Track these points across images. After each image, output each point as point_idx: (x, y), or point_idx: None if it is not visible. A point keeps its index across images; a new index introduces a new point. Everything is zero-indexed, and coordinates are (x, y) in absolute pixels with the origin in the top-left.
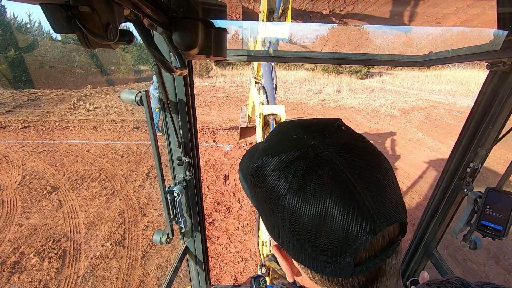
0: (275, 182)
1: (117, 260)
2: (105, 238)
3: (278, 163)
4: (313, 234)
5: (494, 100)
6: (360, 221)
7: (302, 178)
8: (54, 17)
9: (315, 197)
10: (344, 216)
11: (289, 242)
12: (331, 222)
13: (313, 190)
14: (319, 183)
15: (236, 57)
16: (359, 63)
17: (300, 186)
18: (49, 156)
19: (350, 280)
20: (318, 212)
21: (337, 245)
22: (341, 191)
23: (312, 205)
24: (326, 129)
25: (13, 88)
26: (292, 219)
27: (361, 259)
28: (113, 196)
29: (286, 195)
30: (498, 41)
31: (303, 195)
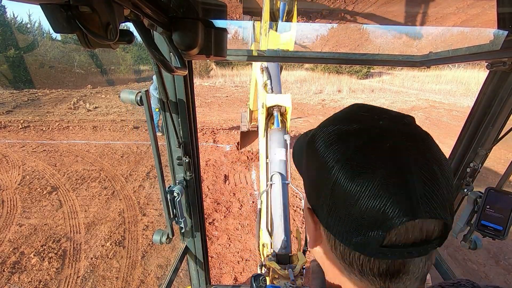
0: (328, 148)
1: (117, 260)
2: (105, 238)
3: (337, 131)
4: (350, 204)
5: (494, 100)
6: (403, 201)
7: (356, 151)
8: (54, 17)
9: (365, 170)
10: (389, 191)
11: (324, 206)
12: (372, 197)
13: (363, 164)
14: (373, 159)
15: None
16: (359, 63)
17: (352, 157)
18: (49, 156)
19: (371, 261)
20: (363, 185)
21: (372, 218)
22: (394, 169)
23: (358, 177)
24: (398, 117)
25: (13, 88)
26: (335, 187)
27: (390, 242)
28: (113, 196)
29: (335, 162)
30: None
31: (353, 167)
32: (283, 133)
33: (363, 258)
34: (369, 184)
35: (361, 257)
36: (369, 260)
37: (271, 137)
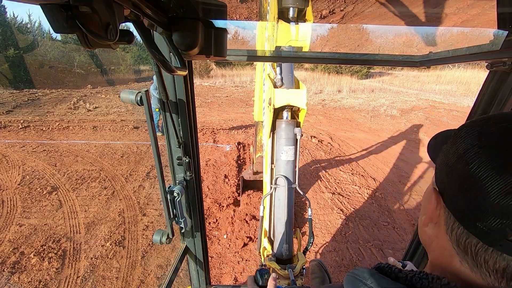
0: (477, 139)
1: (117, 260)
2: (105, 238)
3: (488, 128)
4: (489, 194)
5: (494, 100)
6: None
7: (507, 147)
8: (54, 17)
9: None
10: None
11: (454, 185)
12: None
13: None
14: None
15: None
16: (359, 63)
17: (502, 153)
18: (49, 156)
19: (488, 253)
20: (510, 181)
21: (506, 211)
22: None
23: (506, 173)
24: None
25: (13, 88)
26: (476, 174)
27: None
28: (113, 196)
29: (481, 152)
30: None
31: (501, 161)
32: (293, 127)
33: (480, 247)
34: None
35: (478, 245)
36: (486, 251)
37: (278, 130)
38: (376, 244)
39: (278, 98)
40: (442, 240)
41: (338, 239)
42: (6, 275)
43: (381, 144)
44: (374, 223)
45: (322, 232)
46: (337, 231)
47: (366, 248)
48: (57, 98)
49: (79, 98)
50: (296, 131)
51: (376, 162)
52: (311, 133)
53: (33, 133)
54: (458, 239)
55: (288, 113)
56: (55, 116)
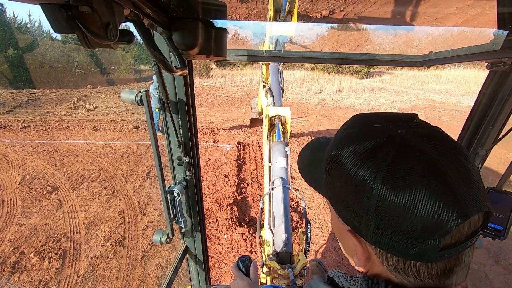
0: (359, 169)
1: (117, 260)
2: (105, 238)
3: (363, 150)
4: (400, 218)
5: (494, 100)
6: (453, 206)
7: (391, 165)
8: (54, 17)
9: (406, 183)
10: (436, 200)
11: (370, 225)
12: (422, 207)
13: (403, 176)
14: (409, 169)
15: (236, 57)
16: (359, 63)
17: (388, 172)
18: (49, 156)
19: (429, 266)
20: (409, 198)
21: (426, 228)
22: (434, 177)
23: (402, 191)
24: (409, 120)
25: (13, 88)
26: (379, 205)
27: (447, 244)
28: (113, 196)
29: (373, 181)
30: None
31: (392, 182)
32: (284, 145)
33: (419, 265)
34: (415, 195)
35: (417, 265)
36: (426, 266)
37: (273, 148)
38: None
39: (271, 111)
40: (378, 269)
41: None
42: (6, 275)
43: None
44: None
45: (322, 232)
46: None
47: None
48: (57, 98)
49: (79, 98)
50: (286, 149)
51: None
52: (311, 133)
53: (33, 133)
54: (396, 267)
55: (278, 123)
56: (55, 116)
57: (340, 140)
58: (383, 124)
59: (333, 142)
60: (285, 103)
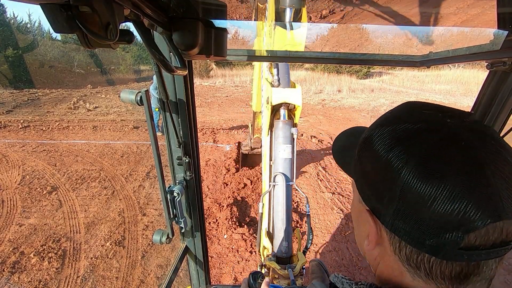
0: (393, 149)
1: (117, 260)
2: (105, 238)
3: (402, 131)
4: (424, 206)
5: (494, 100)
6: (486, 203)
7: (429, 152)
8: (54, 17)
9: (440, 174)
10: (470, 192)
11: (390, 208)
12: (450, 201)
13: (439, 165)
14: (448, 161)
15: (236, 57)
16: (359, 63)
17: (424, 158)
18: (49, 156)
19: (444, 265)
20: (440, 188)
21: (450, 221)
22: (473, 171)
23: (433, 181)
24: (464, 114)
25: (13, 88)
26: (405, 188)
27: (470, 244)
28: (113, 196)
29: (404, 164)
30: (498, 41)
31: (426, 168)
32: (289, 126)
33: (433, 261)
34: (447, 186)
35: (431, 260)
36: (440, 263)
37: (276, 130)
38: None
39: (276, 96)
40: (390, 260)
41: (338, 239)
42: (6, 275)
43: None
44: None
45: (322, 232)
46: (337, 231)
47: None
48: (57, 98)
49: (79, 98)
50: (293, 130)
51: None
52: (311, 133)
53: (33, 133)
54: (409, 258)
55: (285, 111)
56: (55, 116)
57: (381, 120)
58: (434, 112)
59: (373, 123)
60: None
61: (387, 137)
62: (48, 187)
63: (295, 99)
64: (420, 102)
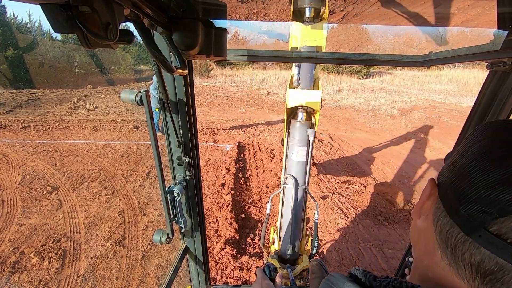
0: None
1: (117, 260)
2: (105, 237)
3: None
4: (485, 176)
5: (494, 100)
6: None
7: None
8: (54, 17)
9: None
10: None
11: (453, 174)
12: (506, 179)
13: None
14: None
15: (236, 57)
16: (359, 63)
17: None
18: (49, 156)
19: (466, 245)
20: (507, 169)
21: (494, 196)
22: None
23: (504, 162)
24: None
25: (13, 88)
26: (476, 158)
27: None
28: (113, 196)
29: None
30: (498, 41)
31: (500, 153)
32: (306, 127)
33: (459, 238)
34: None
35: (458, 235)
36: (464, 242)
37: (292, 130)
38: (376, 244)
39: (291, 98)
40: (428, 232)
41: (338, 239)
42: (6, 275)
43: (381, 144)
44: (374, 223)
45: (322, 232)
46: (337, 231)
47: (366, 248)
48: (57, 98)
49: (79, 98)
50: (309, 132)
51: (376, 162)
52: None
53: (33, 133)
54: (441, 229)
55: (303, 113)
56: (55, 116)
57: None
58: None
59: None
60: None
61: (486, 131)
62: (48, 187)
63: (313, 102)
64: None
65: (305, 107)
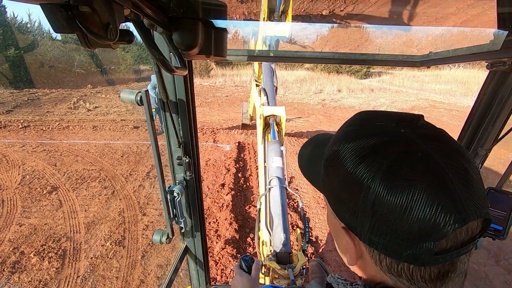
0: (358, 166)
1: (117, 260)
2: (105, 237)
3: (364, 147)
4: (396, 219)
5: (494, 100)
6: (451, 209)
7: (392, 164)
8: (54, 17)
9: (406, 183)
10: (434, 203)
11: (365, 224)
12: (419, 209)
13: (403, 176)
14: (410, 170)
15: (236, 57)
16: (359, 63)
17: (388, 171)
18: (49, 156)
19: (422, 270)
20: (407, 199)
21: (421, 231)
22: (434, 179)
23: (400, 191)
24: (414, 121)
25: (13, 88)
26: (376, 204)
27: (442, 249)
28: (113, 196)
29: (371, 179)
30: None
31: (392, 181)
32: (279, 145)
33: (413, 268)
34: (414, 196)
35: (410, 267)
36: (419, 269)
37: (268, 148)
38: None
39: (266, 110)
40: (372, 270)
41: None
42: (6, 275)
43: None
44: None
45: (322, 232)
46: None
47: None
48: (57, 98)
49: (79, 97)
50: (282, 148)
51: None
52: (311, 133)
53: (33, 133)
54: (390, 268)
55: (273, 122)
56: (55, 115)
57: (342, 136)
58: (387, 123)
59: (335, 138)
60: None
61: (352, 154)
62: (48, 187)
63: (280, 112)
64: (371, 113)
65: (275, 115)
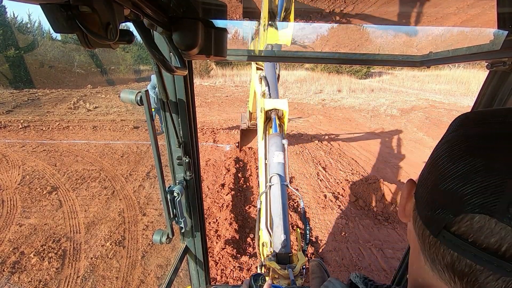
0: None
1: (117, 260)
2: (105, 238)
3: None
4: (445, 177)
5: (494, 100)
6: (490, 195)
7: (484, 136)
8: (54, 17)
9: (484, 155)
10: (484, 181)
11: (423, 178)
12: (467, 177)
13: (487, 150)
14: (498, 148)
15: (236, 57)
16: (359, 63)
17: (476, 141)
18: (49, 156)
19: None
20: (468, 164)
21: (451, 198)
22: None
23: (473, 157)
24: None
25: (13, 88)
26: (441, 157)
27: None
28: (113, 196)
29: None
30: (498, 41)
31: (473, 146)
32: (281, 138)
33: (431, 239)
34: (471, 166)
35: (430, 236)
36: (435, 243)
37: (270, 141)
38: (376, 244)
39: (267, 104)
40: (412, 235)
41: (338, 239)
42: (6, 275)
43: (381, 144)
44: (374, 223)
45: (322, 232)
46: (337, 231)
47: (366, 248)
48: (57, 98)
49: (79, 98)
50: (284, 141)
51: (376, 162)
52: (311, 133)
53: (33, 133)
54: (418, 231)
55: (277, 124)
56: (55, 116)
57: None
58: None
59: None
60: None
61: (460, 128)
62: (48, 187)
63: (282, 105)
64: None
65: (277, 110)
